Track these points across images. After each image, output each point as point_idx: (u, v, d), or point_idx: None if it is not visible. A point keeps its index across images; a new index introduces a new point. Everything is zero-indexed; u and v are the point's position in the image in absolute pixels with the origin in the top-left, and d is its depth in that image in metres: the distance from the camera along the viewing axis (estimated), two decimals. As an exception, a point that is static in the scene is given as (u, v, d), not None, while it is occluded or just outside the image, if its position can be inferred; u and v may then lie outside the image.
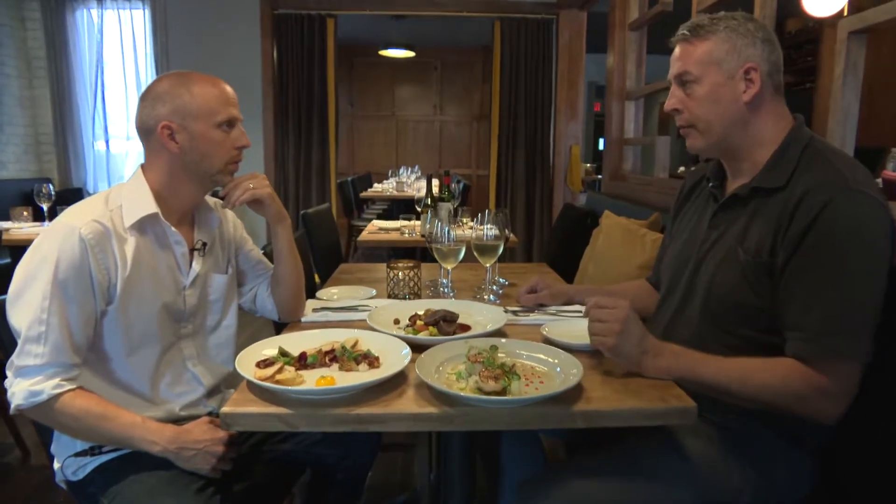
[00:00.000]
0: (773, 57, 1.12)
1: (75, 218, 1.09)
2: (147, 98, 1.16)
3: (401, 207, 5.50)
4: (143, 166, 1.22)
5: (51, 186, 3.33)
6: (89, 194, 4.85)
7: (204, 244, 1.28)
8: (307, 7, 4.70)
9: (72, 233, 1.06)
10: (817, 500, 1.14)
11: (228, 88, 1.21)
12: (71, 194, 4.53)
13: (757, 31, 1.11)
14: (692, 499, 1.05)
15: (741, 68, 1.10)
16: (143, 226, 1.17)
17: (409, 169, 6.48)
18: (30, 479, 2.22)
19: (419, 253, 3.13)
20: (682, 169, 6.68)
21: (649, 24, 3.15)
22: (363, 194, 5.98)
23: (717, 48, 1.11)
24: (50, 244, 1.06)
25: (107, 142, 4.93)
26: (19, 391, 1.03)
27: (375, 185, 6.71)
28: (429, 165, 8.35)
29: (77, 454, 1.15)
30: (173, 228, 1.20)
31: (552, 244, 3.42)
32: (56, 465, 1.19)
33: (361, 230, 5.66)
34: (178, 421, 1.20)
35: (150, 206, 1.16)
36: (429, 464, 1.77)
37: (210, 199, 1.34)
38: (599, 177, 8.15)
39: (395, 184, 5.97)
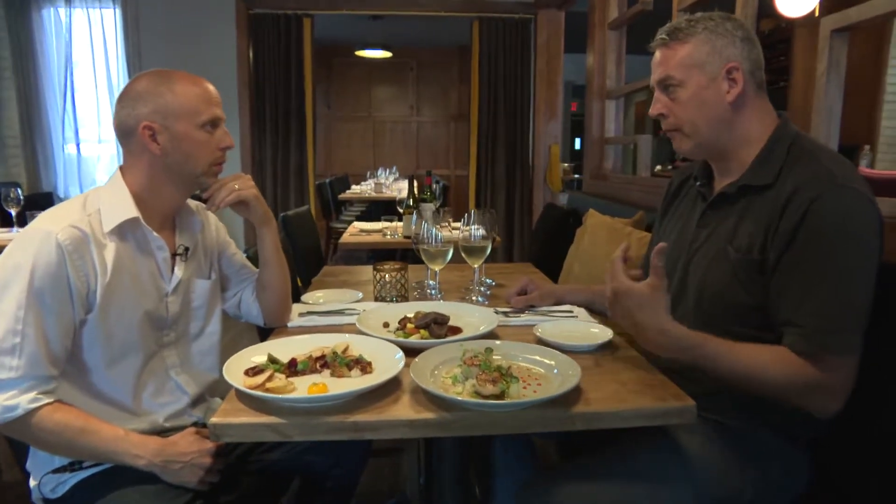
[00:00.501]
0: (753, 55, 1.12)
1: (51, 223, 1.04)
2: (126, 98, 1.12)
3: (380, 209, 5.45)
4: (121, 168, 1.17)
5: (19, 191, 3.21)
6: (59, 199, 4.77)
7: (186, 249, 1.24)
8: (283, 7, 4.64)
9: (48, 239, 1.01)
10: (812, 495, 1.15)
11: (211, 87, 1.18)
12: (40, 198, 4.40)
13: (735, 30, 1.11)
14: (693, 499, 1.04)
15: (723, 69, 1.10)
16: (123, 231, 1.12)
17: (388, 170, 6.44)
18: (2, 498, 2.14)
19: (399, 254, 3.10)
20: (658, 167, 6.76)
21: (629, 23, 3.17)
22: (341, 196, 5.92)
23: (698, 50, 1.11)
24: (24, 251, 1.01)
25: (77, 145, 4.79)
26: (-8, 406, 0.98)
27: (353, 186, 6.66)
28: (406, 166, 8.33)
29: (56, 470, 1.10)
30: (155, 233, 1.16)
31: (534, 244, 3.43)
32: (32, 483, 1.14)
33: (340, 232, 5.62)
34: (162, 433, 1.15)
35: (130, 210, 1.12)
36: (418, 468, 1.74)
37: (191, 202, 1.30)
38: (577, 176, 8.20)
39: (373, 185, 5.92)
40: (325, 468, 1.34)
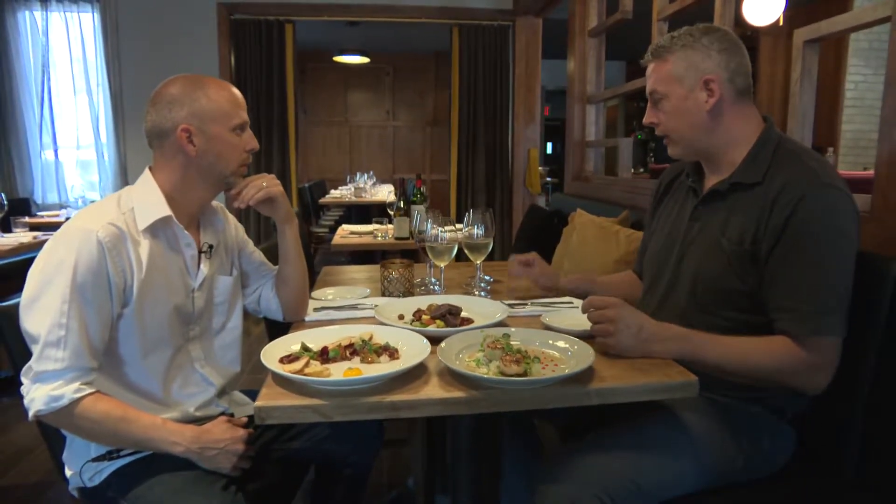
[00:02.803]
0: (732, 64, 1.23)
1: (90, 221, 1.09)
2: (160, 101, 1.17)
3: (359, 212, 5.49)
4: (150, 169, 1.22)
5: (3, 196, 3.18)
6: (37, 205, 4.68)
7: (210, 246, 1.29)
8: (265, 13, 4.66)
9: (89, 236, 1.06)
10: (796, 463, 1.26)
11: (238, 92, 1.24)
12: (17, 204, 4.32)
13: (711, 44, 1.22)
14: (694, 469, 1.14)
15: (700, 80, 1.22)
16: (156, 229, 1.17)
17: (366, 175, 6.49)
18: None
19: (379, 255, 3.16)
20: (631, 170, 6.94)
21: (608, 31, 3.29)
22: (322, 200, 5.95)
23: (675, 67, 1.24)
24: (67, 248, 1.06)
25: (55, 151, 4.73)
26: (39, 396, 1.02)
27: (332, 191, 6.69)
28: (382, 171, 8.38)
29: (95, 459, 1.15)
30: (185, 231, 1.21)
31: (519, 244, 3.52)
32: (68, 472, 1.18)
33: (320, 236, 5.63)
34: (193, 422, 1.20)
35: (163, 208, 1.17)
36: (422, 459, 1.81)
37: (213, 202, 1.36)
38: (549, 179, 8.36)
39: (353, 189, 5.96)
40: (343, 455, 1.40)
